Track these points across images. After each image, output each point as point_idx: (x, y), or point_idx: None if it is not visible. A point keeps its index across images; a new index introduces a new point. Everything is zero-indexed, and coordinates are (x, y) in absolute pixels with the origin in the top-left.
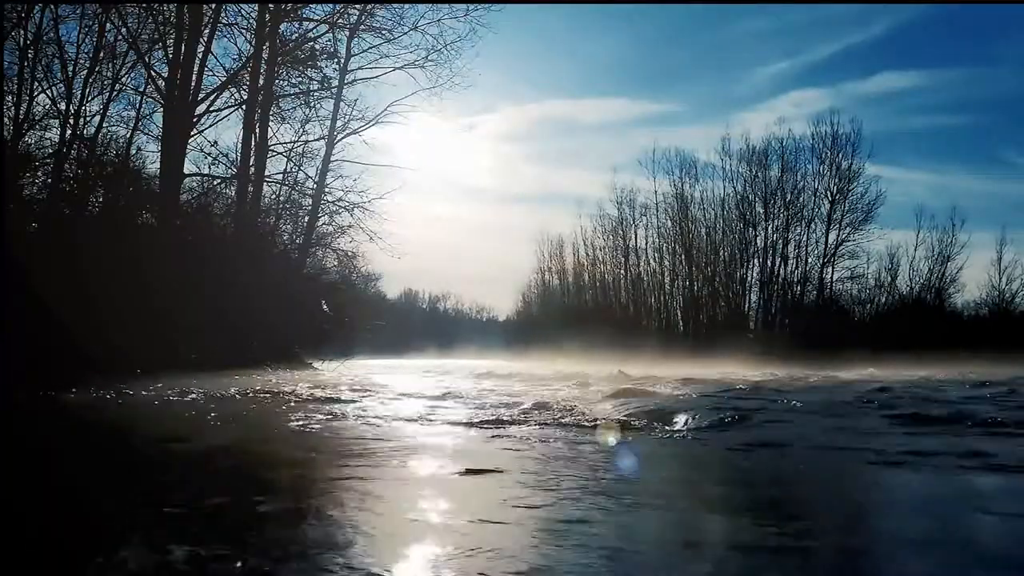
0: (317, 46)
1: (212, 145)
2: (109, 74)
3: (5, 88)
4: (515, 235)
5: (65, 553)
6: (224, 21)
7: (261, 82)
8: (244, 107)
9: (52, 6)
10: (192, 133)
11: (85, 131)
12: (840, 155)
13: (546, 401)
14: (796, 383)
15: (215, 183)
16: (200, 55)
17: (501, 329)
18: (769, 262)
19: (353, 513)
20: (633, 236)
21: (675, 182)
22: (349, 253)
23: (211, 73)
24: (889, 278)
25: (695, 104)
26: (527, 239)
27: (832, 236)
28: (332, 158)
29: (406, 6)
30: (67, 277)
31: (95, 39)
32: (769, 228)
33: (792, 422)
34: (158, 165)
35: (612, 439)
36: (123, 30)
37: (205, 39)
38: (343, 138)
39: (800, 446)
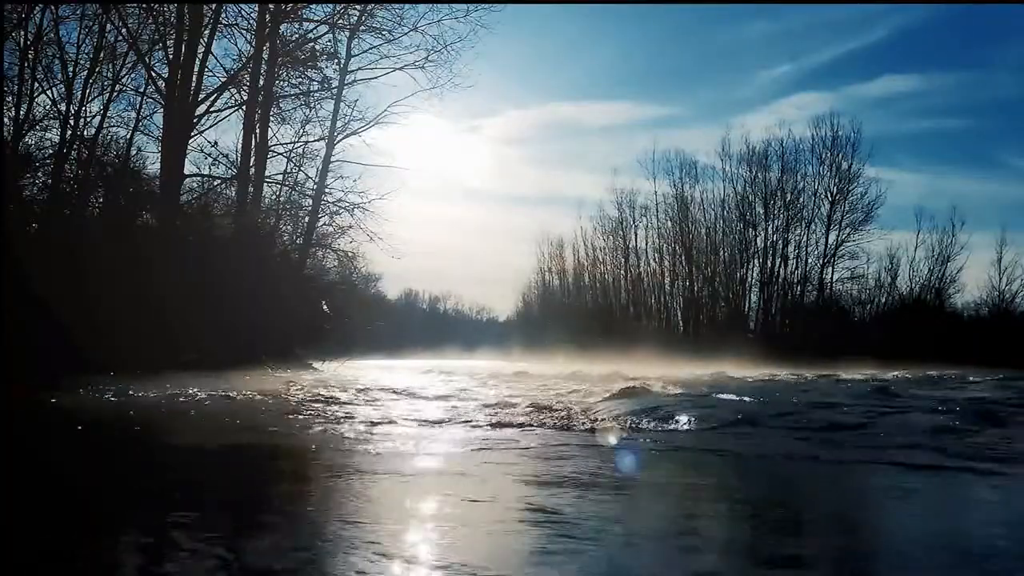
0: (317, 46)
1: (212, 146)
2: (109, 75)
3: (5, 89)
4: (515, 236)
5: (65, 552)
6: (224, 21)
7: (261, 82)
8: (244, 108)
9: (52, 7)
10: (192, 134)
11: (85, 132)
12: (840, 156)
13: (546, 401)
14: (796, 383)
15: (215, 184)
16: (200, 55)
17: (501, 329)
18: (769, 262)
19: (350, 514)
20: (633, 237)
21: (675, 183)
22: (349, 253)
23: (211, 73)
24: (889, 278)
25: (696, 107)
26: (527, 240)
27: (832, 237)
28: (332, 159)
29: (406, 6)
30: (67, 277)
31: (95, 40)
32: (769, 229)
33: (791, 422)
34: (158, 166)
35: (612, 439)
36: (123, 30)
37: (205, 39)
38: (343, 139)
39: (798, 446)
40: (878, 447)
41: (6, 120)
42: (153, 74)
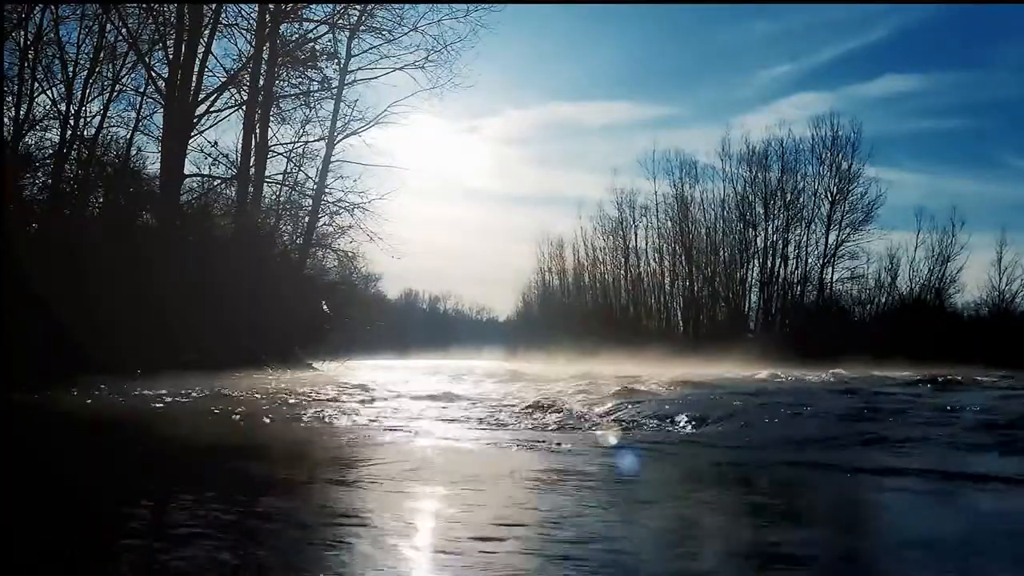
0: (317, 46)
1: (212, 146)
2: (109, 75)
3: (5, 89)
4: (515, 236)
5: (65, 552)
6: (224, 21)
7: (261, 82)
8: (244, 108)
9: (52, 7)
10: (192, 134)
11: (85, 132)
12: (840, 156)
13: (546, 402)
14: (795, 384)
15: (215, 184)
16: (200, 55)
17: (501, 330)
18: (769, 262)
19: (353, 513)
20: (633, 237)
21: (675, 183)
22: (349, 253)
23: (211, 73)
24: (889, 278)
25: (696, 107)
26: (527, 240)
27: (832, 237)
28: (332, 159)
29: (406, 6)
30: (67, 277)
31: (95, 39)
32: (769, 229)
33: (791, 422)
34: (158, 166)
35: (612, 439)
36: (123, 30)
37: (205, 39)
38: (343, 139)
39: (797, 446)
40: (878, 452)
41: (6, 120)
42: (153, 74)
